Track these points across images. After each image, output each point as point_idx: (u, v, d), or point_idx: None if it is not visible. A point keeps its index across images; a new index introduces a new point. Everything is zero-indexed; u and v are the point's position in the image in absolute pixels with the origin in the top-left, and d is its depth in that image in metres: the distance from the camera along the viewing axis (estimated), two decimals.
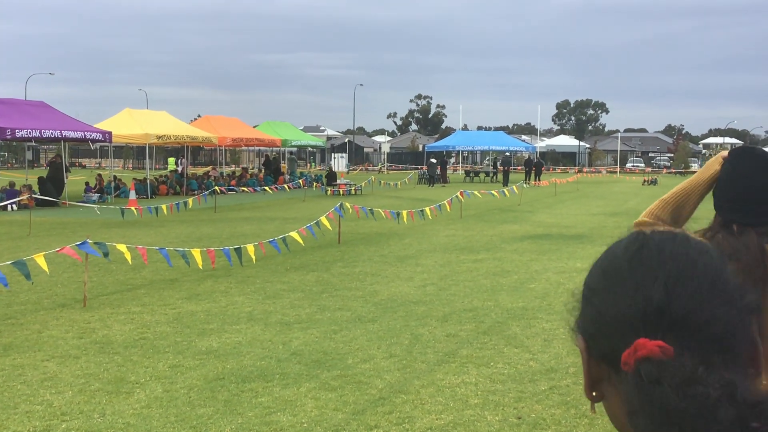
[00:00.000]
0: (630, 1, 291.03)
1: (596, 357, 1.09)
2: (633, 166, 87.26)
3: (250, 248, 12.37)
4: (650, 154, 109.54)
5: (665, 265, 1.04)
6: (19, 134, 27.59)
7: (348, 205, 18.53)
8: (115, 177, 35.48)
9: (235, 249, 12.18)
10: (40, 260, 9.75)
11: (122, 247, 10.94)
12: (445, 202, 21.84)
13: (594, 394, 1.11)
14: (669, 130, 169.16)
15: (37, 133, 28.50)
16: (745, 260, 2.75)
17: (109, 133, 32.34)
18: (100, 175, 35.76)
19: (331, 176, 43.61)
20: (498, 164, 55.04)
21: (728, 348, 1.01)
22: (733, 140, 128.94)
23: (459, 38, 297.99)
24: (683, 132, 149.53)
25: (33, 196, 26.43)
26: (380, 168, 78.77)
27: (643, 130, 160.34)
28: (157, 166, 71.74)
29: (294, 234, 14.07)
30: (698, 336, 1.00)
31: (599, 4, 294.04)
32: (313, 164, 68.12)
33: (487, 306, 10.41)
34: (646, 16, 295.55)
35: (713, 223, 2.99)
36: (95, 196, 31.28)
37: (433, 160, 51.79)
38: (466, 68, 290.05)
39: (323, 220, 15.86)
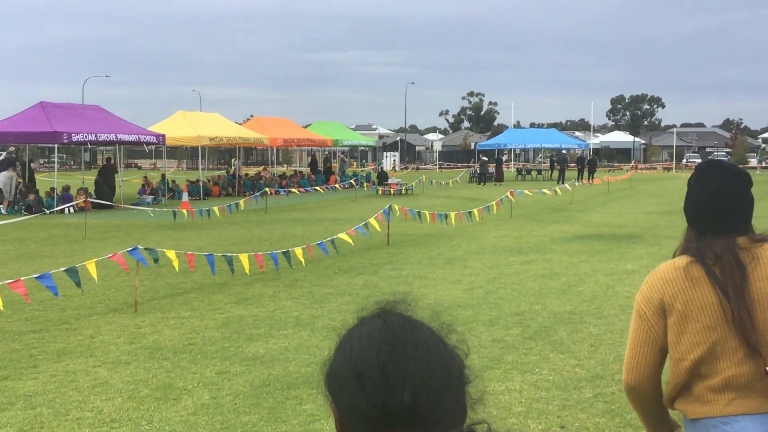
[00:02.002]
0: None
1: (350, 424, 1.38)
2: (690, 162, 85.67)
3: (299, 251, 12.46)
4: (707, 149, 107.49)
5: (413, 375, 1.34)
6: (75, 138, 28.13)
7: (396, 207, 18.55)
8: (163, 176, 35.99)
9: (284, 252, 12.28)
10: (91, 267, 9.97)
11: (171, 254, 11.11)
12: (493, 203, 21.76)
13: None
14: (727, 124, 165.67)
15: (93, 136, 29.03)
16: (714, 253, 2.96)
17: (163, 135, 32.86)
18: (146, 177, 36.26)
19: (383, 176, 43.70)
20: (554, 162, 54.50)
21: (449, 422, 1.36)
22: None
23: (511, 34, 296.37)
24: (742, 126, 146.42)
25: (89, 199, 26.95)
26: (431, 165, 78.69)
27: (701, 125, 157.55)
28: (210, 167, 72.57)
29: (343, 235, 14.13)
30: (429, 422, 1.33)
31: None
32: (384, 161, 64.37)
33: (534, 310, 10.35)
34: (702, 7, 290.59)
35: (687, 235, 3.13)
36: (149, 198, 31.81)
37: (485, 158, 51.54)
38: (518, 64, 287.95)
39: (372, 221, 15.91)
